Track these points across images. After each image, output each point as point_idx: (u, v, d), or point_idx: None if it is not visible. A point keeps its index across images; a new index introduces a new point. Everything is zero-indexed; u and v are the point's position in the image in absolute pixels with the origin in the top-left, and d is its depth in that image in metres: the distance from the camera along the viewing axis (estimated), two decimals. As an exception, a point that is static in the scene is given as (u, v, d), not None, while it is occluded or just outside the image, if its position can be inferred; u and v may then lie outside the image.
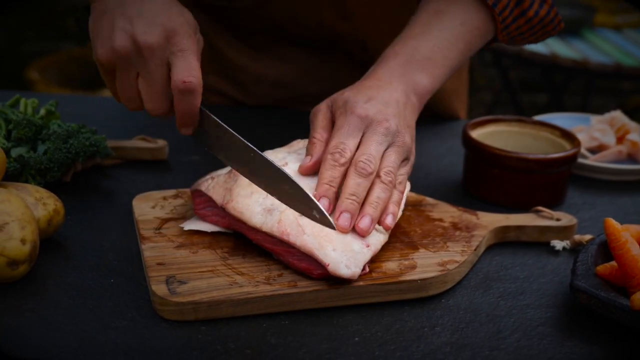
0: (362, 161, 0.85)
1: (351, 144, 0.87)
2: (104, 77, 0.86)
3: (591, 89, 3.02)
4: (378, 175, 0.86)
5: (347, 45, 1.25)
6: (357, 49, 1.26)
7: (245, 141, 0.83)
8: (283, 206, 0.83)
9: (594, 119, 1.23)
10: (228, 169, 0.93)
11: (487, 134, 1.11)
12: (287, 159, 0.92)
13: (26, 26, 4.17)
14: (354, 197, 0.84)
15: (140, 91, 0.84)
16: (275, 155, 0.93)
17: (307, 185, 0.85)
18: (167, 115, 0.85)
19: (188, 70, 0.81)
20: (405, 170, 0.91)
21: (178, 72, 0.80)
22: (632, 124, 1.20)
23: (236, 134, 0.84)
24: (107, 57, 0.82)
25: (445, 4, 1.01)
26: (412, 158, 0.93)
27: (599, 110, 1.25)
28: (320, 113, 0.93)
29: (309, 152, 0.90)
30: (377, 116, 0.88)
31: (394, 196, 0.88)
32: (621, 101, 3.64)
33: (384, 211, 0.86)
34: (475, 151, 1.05)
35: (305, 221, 0.81)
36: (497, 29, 1.03)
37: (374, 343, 0.76)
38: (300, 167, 0.89)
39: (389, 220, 0.86)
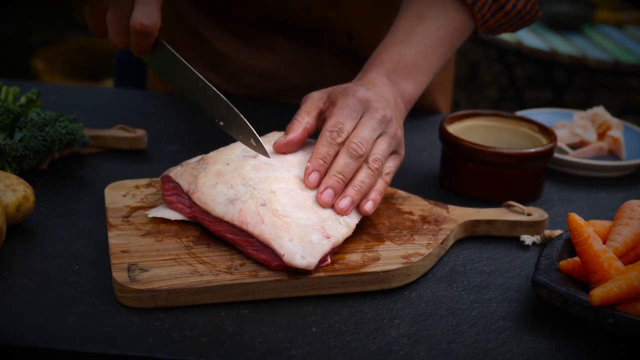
0: (355, 142, 0.87)
1: (349, 125, 0.89)
2: (74, 6, 0.92)
3: (593, 85, 3.00)
4: (366, 161, 0.88)
5: (334, 34, 1.26)
6: (344, 39, 1.26)
7: (198, 73, 0.90)
8: (246, 196, 0.83)
9: (576, 114, 1.23)
10: (199, 157, 0.93)
11: (465, 129, 1.11)
12: (259, 149, 0.92)
13: (34, 16, 4.19)
14: (340, 176, 0.86)
15: (107, 24, 0.89)
16: (247, 145, 0.94)
17: (279, 163, 0.88)
18: (127, 47, 0.91)
19: (147, 14, 0.86)
20: (394, 163, 0.93)
21: (137, 15, 0.86)
22: (613, 120, 1.19)
23: (189, 65, 0.91)
24: None
25: (425, 7, 1.03)
26: (402, 153, 0.94)
27: (604, 107, 1.24)
28: (311, 99, 0.95)
29: (286, 131, 0.92)
30: (376, 103, 0.91)
31: (378, 184, 0.90)
32: (627, 98, 3.62)
33: (365, 196, 0.88)
34: (451, 145, 1.05)
35: (265, 211, 0.82)
36: (477, 25, 1.05)
37: (331, 334, 0.76)
38: (274, 143, 0.91)
39: (369, 206, 0.88)
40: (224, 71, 1.33)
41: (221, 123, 0.91)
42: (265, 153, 0.88)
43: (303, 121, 0.92)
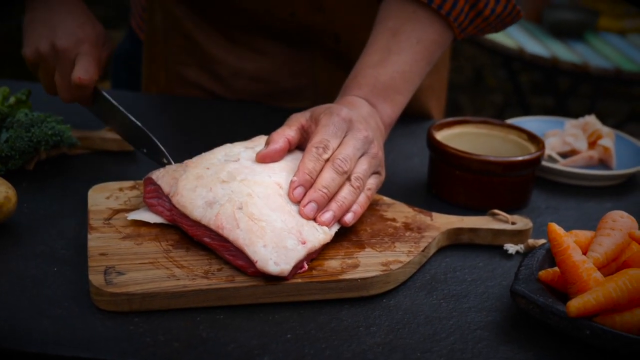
0: (340, 159, 0.88)
1: (334, 142, 0.90)
2: (30, 69, 1.07)
3: (597, 93, 2.99)
4: (349, 179, 0.89)
5: (321, 37, 1.26)
6: (331, 42, 1.26)
7: (131, 117, 1.04)
8: (224, 199, 0.83)
9: (568, 123, 1.22)
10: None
11: (453, 135, 1.10)
12: (242, 154, 0.92)
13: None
14: (325, 190, 0.86)
15: (55, 82, 1.05)
16: (232, 150, 0.93)
17: (260, 168, 0.89)
18: (74, 101, 1.07)
19: (84, 70, 1.02)
20: (375, 182, 0.94)
21: (76, 70, 1.02)
22: (604, 129, 1.18)
23: (122, 109, 1.04)
24: (32, 55, 1.04)
25: (400, 22, 1.03)
26: (383, 174, 0.96)
27: (608, 114, 1.24)
28: (294, 116, 0.96)
29: (267, 141, 0.92)
30: (358, 124, 0.92)
31: (360, 198, 0.90)
32: (632, 106, 3.60)
33: (346, 212, 0.88)
34: (438, 152, 1.04)
35: (241, 215, 0.81)
36: (455, 34, 1.05)
37: (306, 341, 0.76)
38: (257, 153, 0.91)
39: (349, 217, 0.88)
40: (216, 74, 1.33)
41: (144, 150, 1.04)
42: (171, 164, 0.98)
43: (284, 133, 0.92)
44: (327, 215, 0.86)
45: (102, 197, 0.95)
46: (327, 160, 0.88)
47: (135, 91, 1.47)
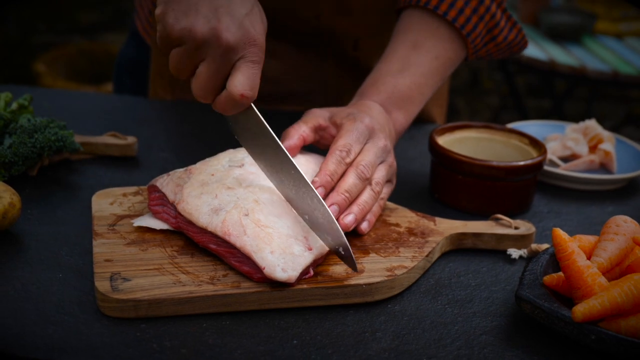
0: (363, 165, 0.91)
1: (356, 148, 0.92)
2: (160, 41, 0.82)
3: (594, 96, 2.99)
4: (369, 183, 0.92)
5: (340, 42, 1.26)
6: (349, 47, 1.27)
7: (278, 140, 0.84)
8: (229, 206, 0.83)
9: (569, 127, 1.22)
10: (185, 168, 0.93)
11: (455, 140, 1.11)
12: (246, 160, 0.92)
13: (37, 18, 4.20)
14: (347, 194, 0.88)
15: (195, 72, 0.82)
16: (235, 155, 0.94)
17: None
18: (207, 102, 0.84)
19: (250, 84, 0.81)
20: (388, 190, 0.97)
21: (239, 83, 0.80)
22: (605, 133, 1.18)
23: (269, 129, 0.84)
24: (179, 33, 0.79)
25: (422, 37, 1.06)
26: (395, 182, 0.99)
27: (605, 117, 1.25)
28: (312, 113, 0.97)
29: (283, 136, 0.94)
30: (380, 133, 0.95)
31: (374, 207, 0.93)
32: (628, 109, 3.61)
33: (366, 214, 0.91)
34: (440, 157, 1.05)
35: (248, 222, 0.82)
36: (468, 54, 1.09)
37: (312, 347, 0.76)
38: None
39: (364, 226, 0.92)
40: None
41: (305, 217, 0.85)
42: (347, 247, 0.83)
43: (300, 129, 0.94)
44: (349, 218, 0.88)
45: (106, 202, 0.95)
46: (349, 164, 0.90)
47: (139, 96, 1.46)
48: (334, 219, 0.83)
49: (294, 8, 1.22)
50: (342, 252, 0.83)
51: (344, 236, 0.82)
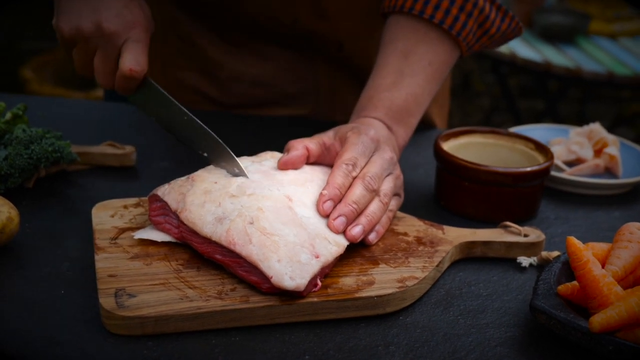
0: (370, 177, 0.90)
1: (362, 160, 0.91)
2: (62, 45, 0.97)
3: (587, 97, 2.99)
4: (377, 194, 0.90)
5: (324, 44, 1.24)
6: (334, 49, 1.25)
7: (183, 107, 0.94)
8: (233, 214, 0.82)
9: (572, 131, 1.21)
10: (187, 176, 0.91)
11: (460, 146, 1.09)
12: (249, 168, 0.90)
13: (25, 24, 4.16)
14: (355, 206, 0.87)
15: (93, 65, 0.96)
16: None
17: (268, 181, 0.88)
18: (112, 88, 0.97)
19: (135, 60, 0.93)
20: (396, 203, 0.96)
21: (127, 60, 0.93)
22: (610, 137, 1.17)
23: (174, 100, 0.95)
24: (71, 33, 0.94)
25: (411, 44, 1.04)
26: (402, 196, 0.98)
27: (597, 117, 1.23)
28: (318, 134, 0.96)
29: (286, 148, 0.93)
30: (385, 145, 0.95)
31: (383, 218, 0.92)
32: (620, 109, 3.61)
33: (374, 225, 0.90)
34: (446, 163, 1.03)
35: (253, 230, 0.80)
36: (462, 52, 1.07)
37: (325, 362, 0.74)
38: (278, 160, 0.92)
39: (372, 237, 0.90)
40: (214, 78, 1.30)
41: (205, 154, 0.93)
42: (246, 176, 0.89)
43: (304, 141, 0.93)
44: (357, 229, 0.86)
45: (107, 215, 0.92)
46: (356, 177, 0.89)
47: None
48: (230, 151, 0.90)
49: (271, 12, 1.21)
50: (236, 171, 0.89)
51: (235, 157, 0.90)
